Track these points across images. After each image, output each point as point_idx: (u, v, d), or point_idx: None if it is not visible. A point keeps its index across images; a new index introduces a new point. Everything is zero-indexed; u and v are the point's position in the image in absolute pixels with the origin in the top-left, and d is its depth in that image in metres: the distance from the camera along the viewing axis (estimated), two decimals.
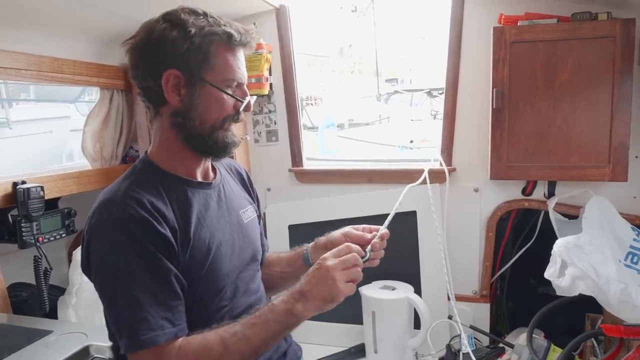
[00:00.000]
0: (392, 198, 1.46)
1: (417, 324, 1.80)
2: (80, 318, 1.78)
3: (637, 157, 1.71)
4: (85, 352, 1.37)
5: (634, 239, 1.58)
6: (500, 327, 2.10)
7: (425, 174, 1.87)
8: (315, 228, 2.02)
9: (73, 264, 1.86)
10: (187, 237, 1.08)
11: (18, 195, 1.61)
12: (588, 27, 1.60)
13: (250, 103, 1.16)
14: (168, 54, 1.06)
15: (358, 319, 1.91)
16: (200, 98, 1.09)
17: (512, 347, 1.77)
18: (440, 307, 1.92)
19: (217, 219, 1.17)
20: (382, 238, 1.20)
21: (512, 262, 1.98)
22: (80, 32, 1.83)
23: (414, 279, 1.95)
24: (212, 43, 1.07)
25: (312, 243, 1.36)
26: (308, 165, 2.19)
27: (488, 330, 1.92)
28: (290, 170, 2.17)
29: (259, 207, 1.42)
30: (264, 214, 2.15)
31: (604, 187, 1.73)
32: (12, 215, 1.68)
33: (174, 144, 1.13)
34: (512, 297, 2.12)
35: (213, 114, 1.10)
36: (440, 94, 2.24)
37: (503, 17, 1.72)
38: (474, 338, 1.81)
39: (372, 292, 1.84)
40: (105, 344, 1.27)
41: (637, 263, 1.54)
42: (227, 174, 1.32)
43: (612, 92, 1.61)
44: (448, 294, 1.86)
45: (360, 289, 1.84)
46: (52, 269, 1.76)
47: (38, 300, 1.73)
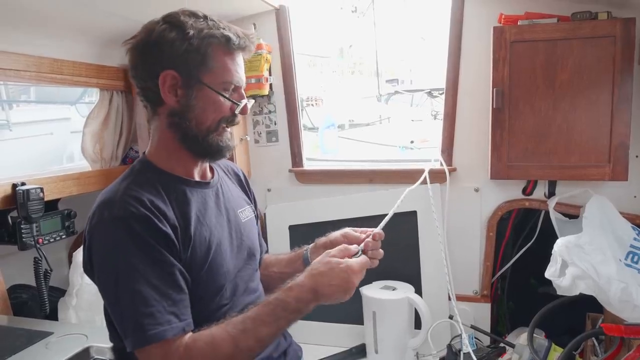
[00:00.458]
0: (392, 198, 1.47)
1: (417, 324, 1.80)
2: (81, 319, 1.78)
3: (637, 156, 1.71)
4: (86, 353, 1.37)
5: (634, 239, 1.58)
6: (501, 326, 2.09)
7: (426, 174, 1.86)
8: (316, 228, 2.03)
9: (73, 266, 1.87)
10: (187, 235, 1.08)
11: (18, 197, 1.61)
12: (588, 26, 1.60)
13: (247, 106, 1.17)
14: (166, 55, 1.07)
15: (359, 319, 1.91)
16: (197, 99, 1.09)
17: (512, 346, 1.77)
18: (441, 307, 1.92)
19: (215, 218, 1.18)
20: (374, 238, 1.21)
21: (512, 261, 1.98)
22: (80, 33, 1.83)
23: (415, 279, 1.95)
24: (210, 45, 1.08)
25: (311, 244, 1.37)
26: (308, 166, 2.19)
27: (489, 330, 1.92)
28: (291, 171, 2.17)
29: (257, 207, 1.42)
30: (265, 215, 2.15)
31: (604, 186, 1.73)
32: (12, 217, 1.68)
33: (172, 144, 1.14)
34: (512, 296, 2.12)
35: (209, 116, 1.11)
36: (441, 94, 2.24)
37: (503, 16, 1.72)
38: (475, 338, 1.81)
39: (372, 292, 1.84)
40: (106, 345, 1.27)
41: (637, 262, 1.54)
42: (224, 175, 1.33)
43: (612, 91, 1.61)
44: (449, 294, 1.86)
45: (361, 289, 1.84)
46: (52, 271, 1.76)
47: (38, 302, 1.74)
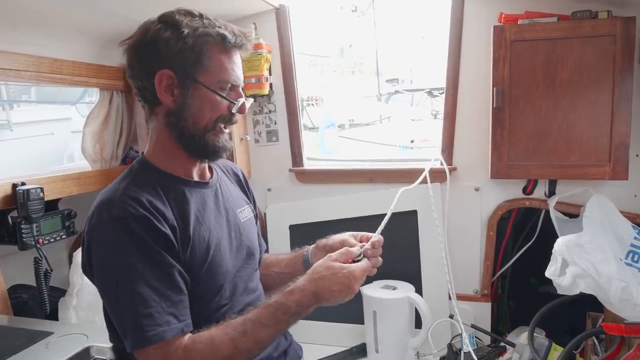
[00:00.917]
0: (393, 198, 1.46)
1: (418, 324, 1.80)
2: (81, 319, 1.78)
3: (637, 155, 1.71)
4: (86, 353, 1.37)
5: (635, 238, 1.59)
6: (502, 326, 2.09)
7: (426, 174, 1.86)
8: (316, 228, 2.03)
9: (73, 266, 1.86)
10: (186, 235, 1.08)
11: (18, 197, 1.61)
12: (588, 25, 1.60)
13: (245, 105, 1.16)
14: (162, 54, 1.07)
15: (359, 319, 1.91)
16: (193, 99, 1.09)
17: (513, 346, 1.77)
18: (442, 306, 1.92)
19: (214, 218, 1.18)
20: (373, 246, 1.20)
21: (513, 261, 1.98)
22: (80, 33, 1.83)
23: (415, 279, 1.95)
24: (205, 44, 1.08)
25: (312, 245, 1.37)
26: (308, 165, 2.19)
27: (489, 330, 1.92)
28: (291, 171, 2.17)
29: (256, 207, 1.42)
30: (265, 214, 2.15)
31: (605, 185, 1.73)
32: (12, 217, 1.67)
33: (169, 144, 1.14)
34: (513, 296, 2.12)
35: (206, 115, 1.11)
36: (441, 94, 2.23)
37: (503, 16, 1.71)
38: (475, 337, 1.81)
39: (373, 291, 1.84)
40: (106, 345, 1.27)
41: (637, 261, 1.54)
42: (223, 175, 1.33)
43: (612, 90, 1.60)
44: (449, 293, 1.86)
45: (362, 289, 1.84)
46: (52, 271, 1.76)
47: (38, 302, 1.74)
